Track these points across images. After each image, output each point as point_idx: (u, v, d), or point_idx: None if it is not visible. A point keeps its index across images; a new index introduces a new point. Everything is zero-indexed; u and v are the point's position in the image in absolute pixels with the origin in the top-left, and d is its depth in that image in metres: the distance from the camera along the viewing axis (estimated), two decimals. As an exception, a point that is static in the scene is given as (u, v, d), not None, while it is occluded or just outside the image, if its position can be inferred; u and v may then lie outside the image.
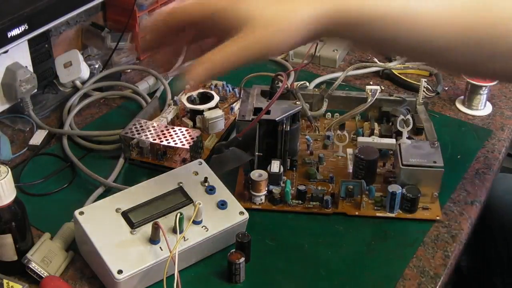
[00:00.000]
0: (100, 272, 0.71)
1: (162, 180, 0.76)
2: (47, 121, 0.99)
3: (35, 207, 0.82)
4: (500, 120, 1.01)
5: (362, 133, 0.91)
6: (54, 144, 0.94)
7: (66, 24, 1.09)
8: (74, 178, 0.87)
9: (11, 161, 0.90)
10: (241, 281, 0.71)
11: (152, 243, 0.69)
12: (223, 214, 0.74)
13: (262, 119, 0.80)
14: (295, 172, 0.85)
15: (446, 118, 1.01)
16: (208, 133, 0.92)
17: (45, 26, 0.87)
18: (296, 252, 0.76)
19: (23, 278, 0.71)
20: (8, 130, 0.97)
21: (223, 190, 0.77)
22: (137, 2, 1.09)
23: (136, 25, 1.12)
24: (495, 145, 0.95)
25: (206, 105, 0.93)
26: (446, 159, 0.83)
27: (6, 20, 0.81)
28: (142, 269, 0.67)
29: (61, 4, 0.89)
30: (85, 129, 0.97)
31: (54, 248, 0.73)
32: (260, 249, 0.75)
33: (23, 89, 0.92)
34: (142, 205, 0.73)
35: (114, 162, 0.89)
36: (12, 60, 0.91)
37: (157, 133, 0.87)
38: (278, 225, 0.80)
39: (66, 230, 0.76)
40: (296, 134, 0.84)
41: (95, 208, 0.72)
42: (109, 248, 0.68)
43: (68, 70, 1.04)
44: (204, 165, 0.79)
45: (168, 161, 0.88)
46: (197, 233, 0.71)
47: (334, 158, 0.88)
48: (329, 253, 0.76)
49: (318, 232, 0.78)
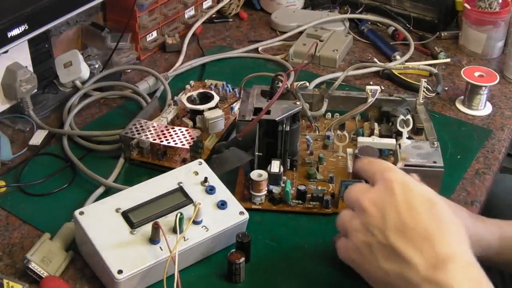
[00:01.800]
0: (100, 272, 0.71)
1: (162, 180, 0.76)
2: (47, 121, 0.99)
3: (35, 207, 0.83)
4: (500, 120, 1.01)
5: (362, 133, 0.91)
6: (54, 144, 0.94)
7: (66, 24, 1.09)
8: (74, 178, 0.87)
9: (11, 161, 0.90)
10: (241, 281, 0.71)
11: (152, 243, 0.69)
12: (223, 214, 0.74)
13: (262, 119, 0.80)
14: (295, 172, 0.85)
15: (446, 118, 1.01)
16: (208, 133, 0.92)
17: (45, 26, 0.87)
18: (296, 252, 0.76)
19: (23, 278, 0.71)
20: (8, 130, 0.97)
21: (223, 190, 0.77)
22: (137, 2, 1.09)
23: (136, 25, 1.12)
24: (495, 145, 0.95)
25: (206, 105, 0.93)
26: (446, 159, 0.83)
27: (6, 20, 0.81)
28: (142, 269, 0.67)
29: (61, 4, 0.89)
30: (85, 129, 0.97)
31: (54, 248, 0.73)
32: (260, 249, 0.75)
33: (23, 89, 0.92)
34: (142, 205, 0.73)
35: (114, 162, 0.89)
36: (12, 60, 0.91)
37: (157, 133, 0.87)
38: (278, 225, 0.80)
39: (66, 230, 0.76)
40: (296, 134, 0.84)
41: (95, 208, 0.72)
42: (109, 248, 0.68)
43: (68, 70, 1.04)
44: (204, 165, 0.79)
45: (168, 161, 0.88)
46: (197, 233, 0.71)
47: (334, 158, 0.88)
48: (329, 253, 0.76)
49: (318, 232, 0.78)
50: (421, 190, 0.62)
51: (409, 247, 0.58)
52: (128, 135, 0.87)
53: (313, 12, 1.31)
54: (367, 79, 1.11)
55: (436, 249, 0.57)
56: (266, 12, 1.34)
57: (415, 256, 0.57)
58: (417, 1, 1.27)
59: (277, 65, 1.15)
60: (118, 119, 0.99)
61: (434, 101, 1.04)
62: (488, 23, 1.15)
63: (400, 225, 0.59)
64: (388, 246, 0.59)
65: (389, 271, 0.59)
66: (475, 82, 1.00)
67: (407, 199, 0.61)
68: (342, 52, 1.16)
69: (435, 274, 0.56)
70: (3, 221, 0.80)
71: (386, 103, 0.92)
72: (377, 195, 0.62)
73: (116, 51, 1.09)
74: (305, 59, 1.13)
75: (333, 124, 0.92)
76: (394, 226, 0.59)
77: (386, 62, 1.14)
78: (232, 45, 1.22)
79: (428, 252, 0.57)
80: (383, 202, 0.61)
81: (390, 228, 0.59)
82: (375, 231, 0.60)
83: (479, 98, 1.01)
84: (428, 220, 0.59)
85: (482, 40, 1.17)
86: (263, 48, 1.20)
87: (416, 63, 1.12)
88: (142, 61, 1.16)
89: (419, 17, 1.27)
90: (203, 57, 1.16)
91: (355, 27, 1.27)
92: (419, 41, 1.22)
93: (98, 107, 1.03)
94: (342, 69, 1.09)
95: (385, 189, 0.62)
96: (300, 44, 1.17)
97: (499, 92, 1.08)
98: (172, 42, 1.19)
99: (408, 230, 0.59)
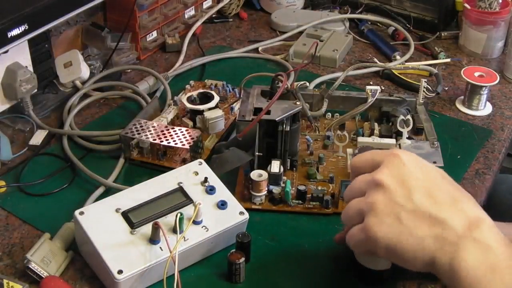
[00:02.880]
0: (100, 272, 0.71)
1: (162, 180, 0.76)
2: (47, 121, 0.99)
3: (35, 207, 0.83)
4: (500, 120, 1.01)
5: (362, 133, 0.91)
6: (54, 144, 0.94)
7: (66, 24, 1.09)
8: (74, 178, 0.87)
9: (11, 161, 0.90)
10: (241, 281, 0.71)
11: (152, 243, 0.69)
12: (223, 214, 0.74)
13: (262, 119, 0.80)
14: (295, 172, 0.85)
15: (446, 118, 1.01)
16: (208, 133, 0.92)
17: (45, 26, 0.87)
18: (296, 252, 0.76)
19: (23, 278, 0.71)
20: (8, 130, 0.97)
21: (223, 190, 0.77)
22: (137, 2, 1.09)
23: (136, 25, 1.12)
24: (495, 145, 0.95)
25: (206, 105, 0.93)
26: (446, 159, 0.83)
27: (6, 20, 0.81)
28: (142, 269, 0.67)
29: (61, 4, 0.89)
30: (85, 129, 0.97)
31: (54, 248, 0.73)
32: (260, 249, 0.75)
33: (23, 89, 0.92)
34: (142, 205, 0.73)
35: (114, 162, 0.89)
36: (12, 60, 0.91)
37: (157, 133, 0.87)
38: (278, 225, 0.80)
39: (66, 230, 0.76)
40: (296, 134, 0.84)
41: (95, 208, 0.72)
42: (109, 248, 0.68)
43: (68, 70, 1.04)
44: (204, 165, 0.79)
45: (168, 161, 0.88)
46: (197, 233, 0.71)
47: (334, 158, 0.88)
48: (329, 253, 0.76)
49: (318, 232, 0.79)
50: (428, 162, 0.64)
51: (442, 209, 0.59)
52: (128, 135, 0.87)
53: (313, 12, 1.31)
54: (367, 79, 1.11)
55: (465, 211, 0.59)
56: (266, 12, 1.34)
57: (449, 218, 0.58)
58: (417, 1, 1.27)
59: (277, 65, 1.15)
60: (118, 119, 0.99)
61: (434, 101, 1.04)
62: (488, 23, 1.15)
63: (425, 190, 0.60)
64: (419, 212, 0.59)
65: (424, 237, 0.59)
66: (475, 82, 1.00)
67: (421, 167, 0.62)
68: (342, 52, 1.16)
69: (471, 233, 0.57)
70: (3, 221, 0.80)
71: (386, 103, 0.92)
72: (390, 169, 0.62)
73: (116, 51, 1.09)
74: (305, 59, 1.13)
75: (333, 124, 0.92)
76: (420, 191, 0.60)
77: (386, 62, 1.14)
78: (232, 45, 1.22)
79: (459, 213, 0.59)
80: (400, 173, 0.61)
81: (417, 195, 0.60)
82: (402, 200, 0.60)
83: (479, 98, 1.01)
84: (448, 185, 0.62)
85: (482, 40, 1.17)
86: (263, 48, 1.20)
87: (416, 63, 1.12)
88: (142, 61, 1.16)
89: (419, 17, 1.27)
90: (203, 57, 1.16)
91: (355, 27, 1.27)
92: (419, 41, 1.22)
93: (98, 107, 1.03)
94: (342, 69, 1.09)
95: (396, 163, 0.62)
96: (300, 44, 1.17)
97: (499, 92, 1.08)
98: (172, 42, 1.19)
99: (435, 194, 0.60)
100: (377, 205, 0.61)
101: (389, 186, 0.61)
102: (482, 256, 0.57)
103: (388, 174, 0.61)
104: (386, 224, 0.60)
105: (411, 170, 0.61)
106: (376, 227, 0.61)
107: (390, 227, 0.60)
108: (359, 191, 0.64)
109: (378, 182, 0.61)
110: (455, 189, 0.62)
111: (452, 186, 0.62)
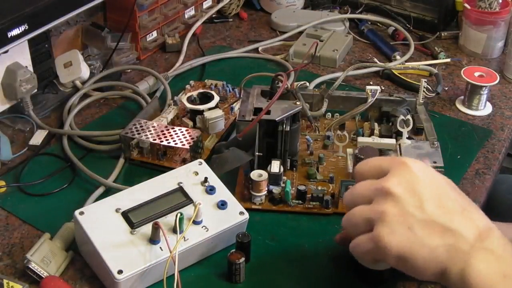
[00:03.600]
0: (100, 272, 0.71)
1: (162, 180, 0.76)
2: (47, 121, 0.99)
3: (35, 207, 0.83)
4: (500, 120, 1.01)
5: (362, 133, 0.91)
6: (54, 144, 0.94)
7: (66, 24, 1.09)
8: (74, 178, 0.87)
9: (11, 161, 0.90)
10: (241, 281, 0.71)
11: (152, 243, 0.69)
12: (223, 214, 0.74)
13: (262, 119, 0.80)
14: (295, 172, 0.85)
15: (446, 118, 1.01)
16: (208, 133, 0.92)
17: (45, 26, 0.87)
18: (296, 252, 0.76)
19: (23, 278, 0.71)
20: (8, 130, 0.97)
21: (223, 190, 0.77)
22: (137, 2, 1.09)
23: (136, 25, 1.12)
24: (495, 145, 0.95)
25: (206, 105, 0.93)
26: (446, 159, 0.83)
27: (6, 20, 0.81)
28: (142, 269, 0.67)
29: (61, 4, 0.89)
30: (85, 129, 0.97)
31: (54, 248, 0.73)
32: (260, 249, 0.75)
33: (23, 89, 0.92)
34: (142, 205, 0.73)
35: (114, 162, 0.89)
36: (12, 60, 0.91)
37: (157, 133, 0.87)
38: (278, 225, 0.79)
39: (66, 230, 0.76)
40: (296, 134, 0.84)
41: (95, 208, 0.72)
42: (109, 248, 0.68)
43: (68, 70, 1.04)
44: (204, 165, 0.79)
45: (168, 161, 0.88)
46: (197, 233, 0.71)
47: (334, 158, 0.88)
48: (329, 253, 0.76)
49: (318, 232, 0.78)
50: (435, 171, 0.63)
51: (453, 219, 0.59)
52: (128, 135, 0.87)
53: (313, 12, 1.31)
54: (367, 79, 1.11)
55: (475, 220, 0.59)
56: (266, 12, 1.34)
57: (461, 227, 0.58)
58: (417, 1, 1.27)
59: (277, 65, 1.15)
60: (118, 119, 0.99)
61: (434, 101, 1.04)
62: (488, 23, 1.15)
63: (436, 200, 0.60)
64: (431, 222, 0.59)
65: (436, 246, 0.58)
66: (475, 82, 1.00)
67: (429, 175, 0.61)
68: (342, 52, 1.16)
69: (482, 243, 0.58)
70: (3, 221, 0.80)
71: (386, 103, 0.92)
72: (399, 177, 0.61)
73: (116, 51, 1.09)
74: (305, 59, 1.13)
75: (333, 124, 0.92)
76: (431, 201, 0.60)
77: (386, 62, 1.14)
78: (232, 45, 1.22)
79: (469, 223, 0.59)
80: (409, 181, 0.61)
81: (428, 204, 0.59)
82: (413, 210, 0.59)
83: (479, 98, 1.01)
84: (456, 194, 0.62)
85: (482, 40, 1.17)
86: (263, 48, 1.20)
87: (416, 63, 1.12)
88: (142, 61, 1.16)
89: (419, 17, 1.27)
90: (203, 57, 1.16)
91: (355, 27, 1.27)
92: (419, 41, 1.22)
93: (98, 107, 1.03)
94: (342, 69, 1.09)
95: (404, 171, 0.61)
96: (300, 44, 1.17)
97: (499, 92, 1.08)
98: (172, 42, 1.19)
99: (445, 204, 0.60)
100: (387, 214, 0.60)
101: (399, 195, 0.60)
102: (494, 265, 0.57)
103: (398, 182, 0.61)
104: (398, 234, 0.59)
105: (420, 179, 0.61)
106: (388, 237, 0.60)
107: (402, 237, 0.59)
108: (364, 197, 0.63)
109: (388, 190, 0.60)
110: (462, 198, 0.62)
111: (459, 195, 0.62)
